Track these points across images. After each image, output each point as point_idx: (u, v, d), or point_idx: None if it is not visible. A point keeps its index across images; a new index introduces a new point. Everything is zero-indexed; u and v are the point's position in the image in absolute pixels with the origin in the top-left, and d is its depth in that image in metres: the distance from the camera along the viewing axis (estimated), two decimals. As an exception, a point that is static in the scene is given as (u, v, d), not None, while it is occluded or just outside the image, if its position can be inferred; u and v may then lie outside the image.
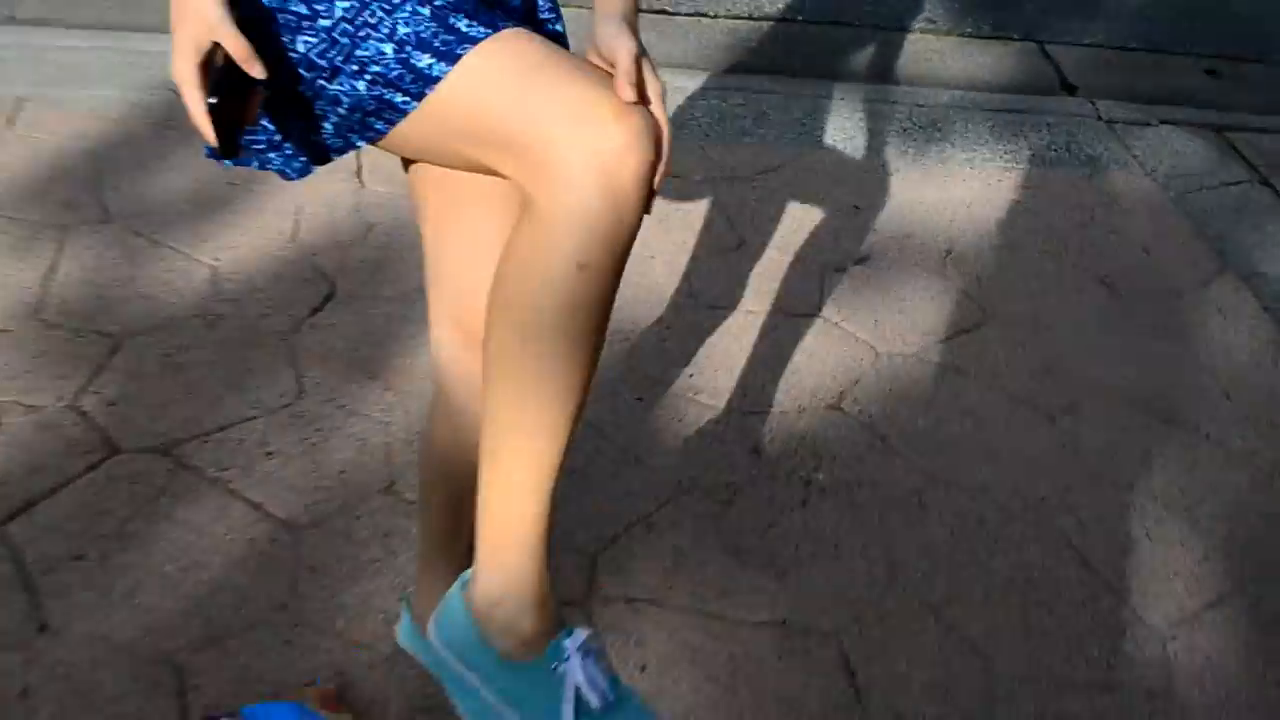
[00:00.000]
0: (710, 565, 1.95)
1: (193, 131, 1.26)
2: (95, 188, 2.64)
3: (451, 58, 1.16)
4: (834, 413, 2.30)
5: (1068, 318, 2.66)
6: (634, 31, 1.26)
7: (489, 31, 1.17)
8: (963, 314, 2.63)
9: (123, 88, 3.01)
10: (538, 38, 1.20)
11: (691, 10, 4.13)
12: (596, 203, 1.11)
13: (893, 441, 2.25)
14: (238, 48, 1.14)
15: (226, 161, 1.21)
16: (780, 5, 4.26)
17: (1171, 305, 2.77)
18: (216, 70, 1.14)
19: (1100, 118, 3.62)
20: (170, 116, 2.88)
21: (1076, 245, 2.94)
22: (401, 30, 1.17)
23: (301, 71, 1.22)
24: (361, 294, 2.42)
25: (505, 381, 1.20)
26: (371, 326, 2.34)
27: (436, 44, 1.17)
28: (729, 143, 3.20)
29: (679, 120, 3.25)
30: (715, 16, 4.14)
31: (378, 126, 1.24)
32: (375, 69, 1.19)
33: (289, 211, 2.62)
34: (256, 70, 1.16)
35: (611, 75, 1.17)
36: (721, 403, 2.28)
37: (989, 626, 1.90)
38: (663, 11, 4.11)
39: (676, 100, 3.32)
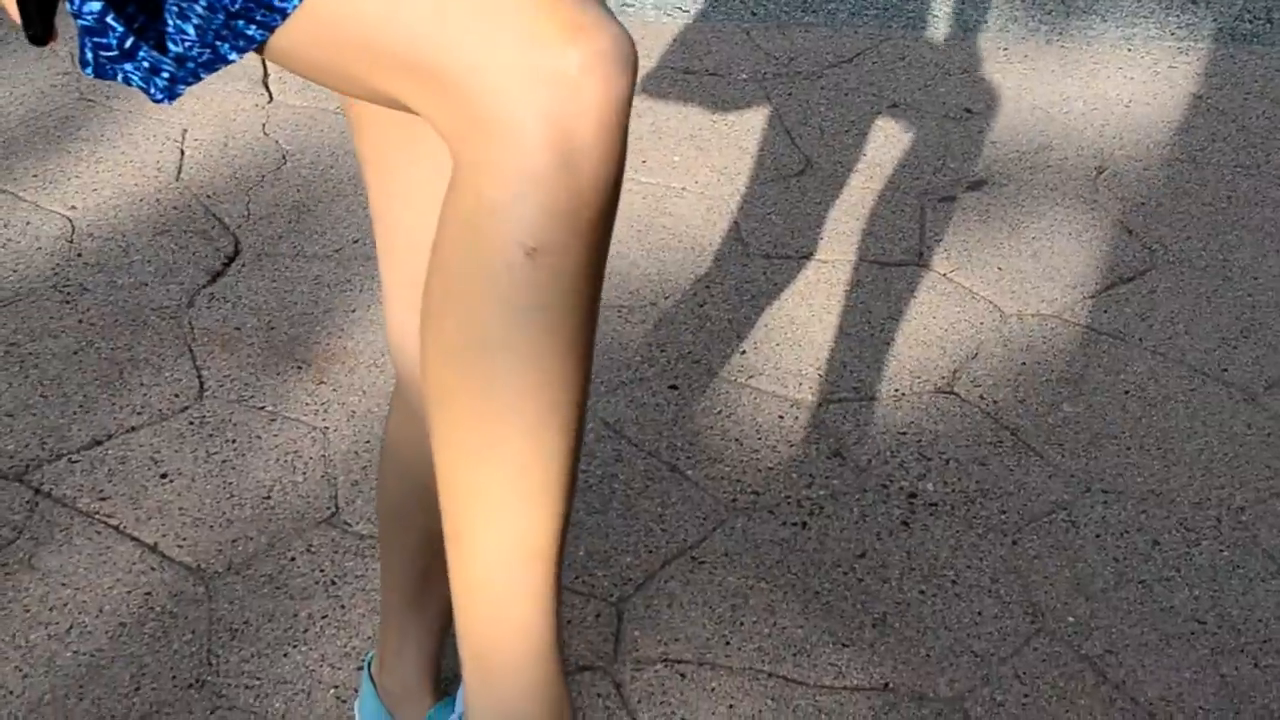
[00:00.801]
0: (780, 612, 2.05)
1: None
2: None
3: None
4: (946, 398, 2.41)
5: (1271, 258, 2.75)
6: None
7: None
8: (1122, 258, 2.73)
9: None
10: None
11: None
12: (544, 160, 1.13)
13: (1027, 436, 2.35)
14: None
15: (86, 70, 1.28)
16: None
17: None
18: None
19: None
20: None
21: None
22: None
23: None
24: (277, 252, 2.53)
25: (451, 429, 1.23)
26: (293, 297, 2.45)
27: None
28: (785, 23, 3.32)
29: None
30: None
31: (249, 32, 1.25)
32: None
33: (170, 138, 2.73)
34: None
35: None
36: (788, 389, 2.39)
37: (1169, 688, 2.00)
38: None
39: None
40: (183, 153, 2.69)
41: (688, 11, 3.27)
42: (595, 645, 1.98)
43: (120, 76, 1.34)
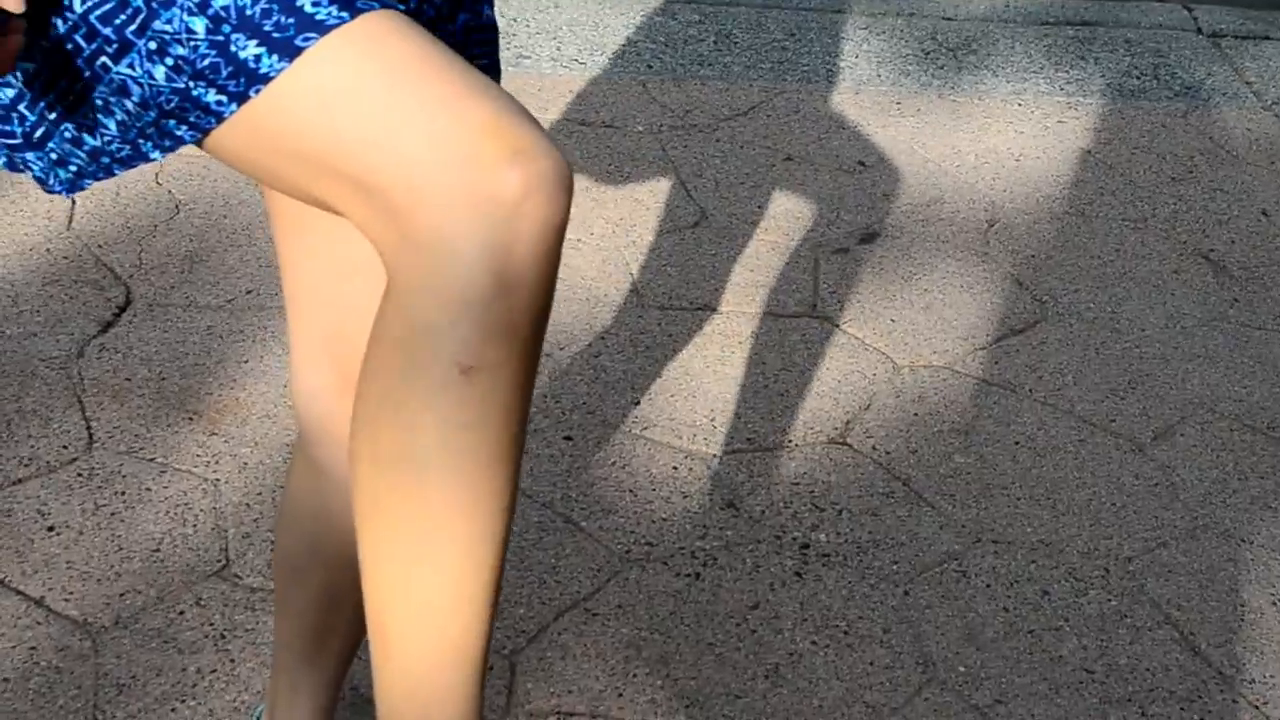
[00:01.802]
0: (674, 663, 2.06)
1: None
2: None
3: (289, 50, 1.17)
4: (839, 449, 2.44)
5: (1158, 310, 2.82)
6: None
7: (343, 16, 1.18)
8: (1012, 309, 2.78)
9: None
10: (413, 25, 1.23)
11: None
12: (482, 284, 1.13)
13: (919, 487, 2.39)
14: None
15: None
16: None
17: (1300, 290, 2.95)
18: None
19: (1200, 30, 3.83)
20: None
21: (1169, 209, 3.11)
22: (219, 1, 1.18)
23: (77, 40, 1.24)
24: (168, 301, 2.52)
25: (381, 535, 1.23)
26: (184, 347, 2.44)
27: (268, 27, 1.18)
28: (681, 77, 3.36)
29: (610, 49, 3.40)
30: None
31: (179, 133, 1.25)
32: (179, 52, 1.20)
33: (60, 188, 2.73)
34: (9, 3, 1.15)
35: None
36: (682, 440, 2.41)
37: (1058, 736, 2.05)
38: None
39: (605, 17, 3.47)
40: (74, 201, 2.68)
41: (584, 64, 3.29)
42: (489, 698, 1.98)
43: (19, 165, 1.33)
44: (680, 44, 3.43)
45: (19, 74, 1.25)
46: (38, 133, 1.33)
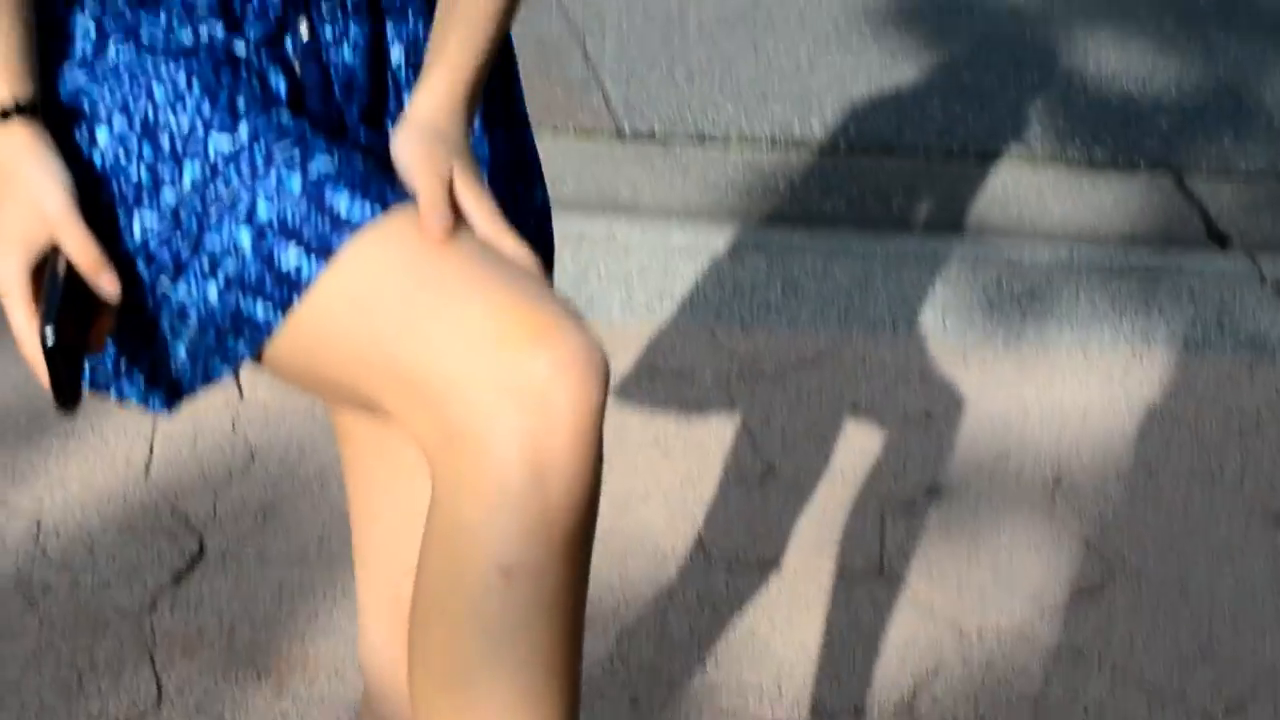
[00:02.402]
0: None
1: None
2: None
3: (324, 252, 1.21)
4: (907, 718, 2.44)
5: (1227, 574, 2.81)
6: (449, 139, 1.31)
7: (376, 209, 1.23)
8: (1080, 570, 2.78)
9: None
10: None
11: (694, 133, 4.43)
12: (515, 476, 1.12)
13: (989, 758, 2.38)
14: (86, 256, 1.22)
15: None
16: (815, 125, 4.57)
17: (1373, 552, 2.94)
18: (53, 283, 1.20)
19: (1264, 280, 3.87)
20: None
21: (1237, 465, 3.13)
22: (263, 211, 1.23)
23: (140, 268, 1.29)
24: (241, 553, 2.56)
25: None
26: (255, 600, 2.48)
27: (306, 232, 1.23)
28: (748, 325, 3.43)
29: (679, 295, 3.48)
30: (726, 139, 4.45)
31: (239, 350, 1.29)
32: (229, 266, 1.25)
33: (141, 433, 2.78)
34: (108, 286, 1.23)
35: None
36: (749, 705, 2.42)
37: None
38: (650, 136, 4.40)
39: (674, 263, 3.57)
40: (152, 449, 2.74)
41: (653, 311, 3.37)
42: None
43: (113, 392, 1.38)
44: (748, 291, 3.50)
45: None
46: (121, 364, 1.38)
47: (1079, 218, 4.23)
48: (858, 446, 3.04)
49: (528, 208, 1.56)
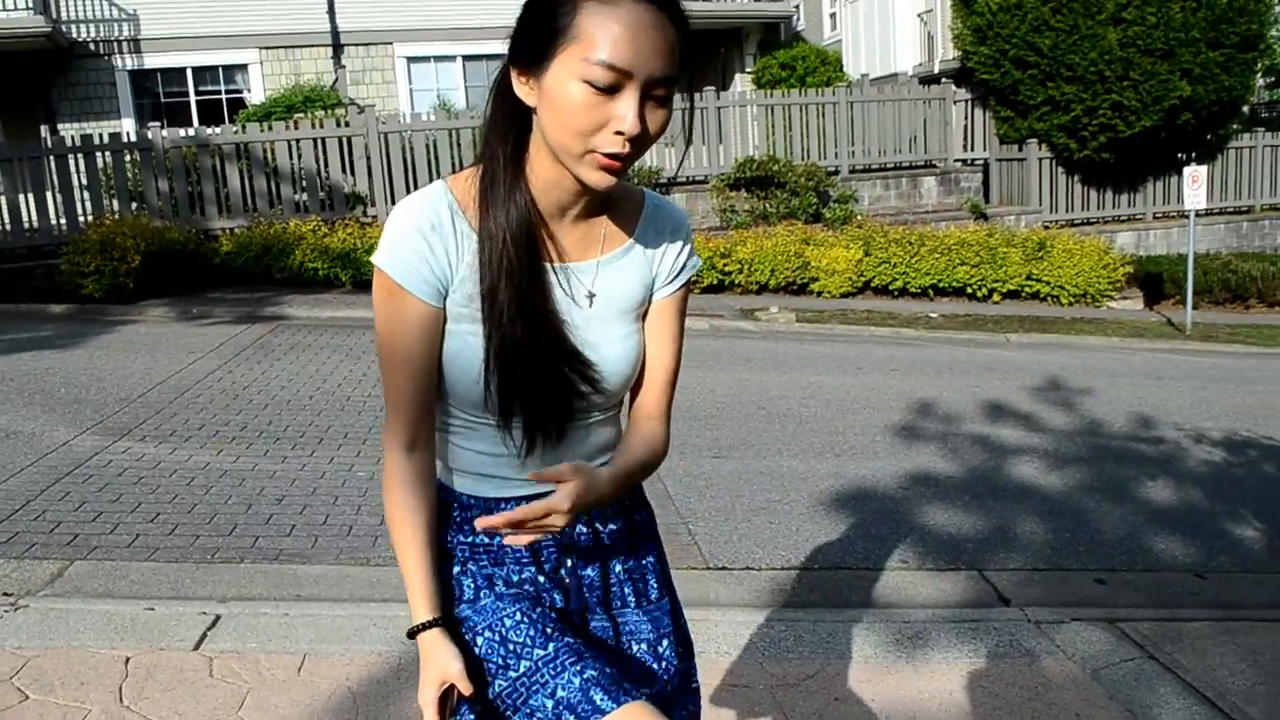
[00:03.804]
0: None
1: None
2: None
3: None
4: None
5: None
6: (595, 489, 1.78)
7: (613, 705, 1.72)
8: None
9: (372, 642, 5.14)
10: (657, 715, 1.73)
11: (743, 566, 6.59)
12: None
13: None
14: (468, 692, 1.77)
15: None
16: (802, 557, 6.77)
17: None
18: (451, 708, 1.76)
19: (1029, 620, 5.62)
20: (403, 665, 4.78)
21: (1029, 716, 4.50)
22: (560, 692, 1.71)
23: (496, 704, 1.80)
24: None
25: None
26: None
27: (580, 710, 1.71)
28: (779, 660, 4.99)
29: (742, 644, 5.09)
30: (760, 570, 6.58)
31: None
32: (538, 717, 1.74)
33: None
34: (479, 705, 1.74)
35: None
36: None
37: None
38: (722, 568, 6.49)
39: (739, 631, 5.33)
40: None
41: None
42: None
43: None
44: (777, 641, 5.08)
45: None
46: None
47: (934, 596, 6.22)
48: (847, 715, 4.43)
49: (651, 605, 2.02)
